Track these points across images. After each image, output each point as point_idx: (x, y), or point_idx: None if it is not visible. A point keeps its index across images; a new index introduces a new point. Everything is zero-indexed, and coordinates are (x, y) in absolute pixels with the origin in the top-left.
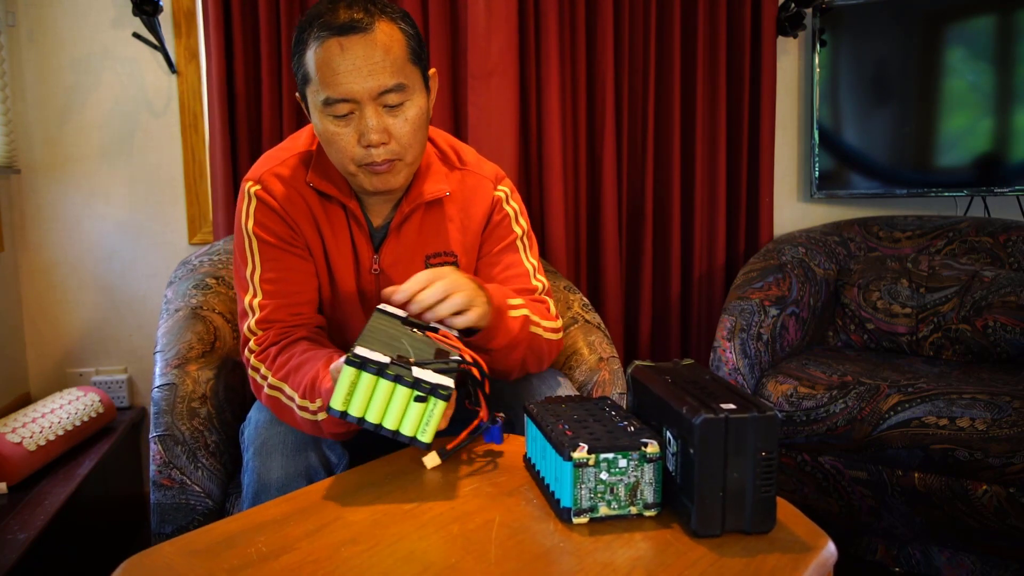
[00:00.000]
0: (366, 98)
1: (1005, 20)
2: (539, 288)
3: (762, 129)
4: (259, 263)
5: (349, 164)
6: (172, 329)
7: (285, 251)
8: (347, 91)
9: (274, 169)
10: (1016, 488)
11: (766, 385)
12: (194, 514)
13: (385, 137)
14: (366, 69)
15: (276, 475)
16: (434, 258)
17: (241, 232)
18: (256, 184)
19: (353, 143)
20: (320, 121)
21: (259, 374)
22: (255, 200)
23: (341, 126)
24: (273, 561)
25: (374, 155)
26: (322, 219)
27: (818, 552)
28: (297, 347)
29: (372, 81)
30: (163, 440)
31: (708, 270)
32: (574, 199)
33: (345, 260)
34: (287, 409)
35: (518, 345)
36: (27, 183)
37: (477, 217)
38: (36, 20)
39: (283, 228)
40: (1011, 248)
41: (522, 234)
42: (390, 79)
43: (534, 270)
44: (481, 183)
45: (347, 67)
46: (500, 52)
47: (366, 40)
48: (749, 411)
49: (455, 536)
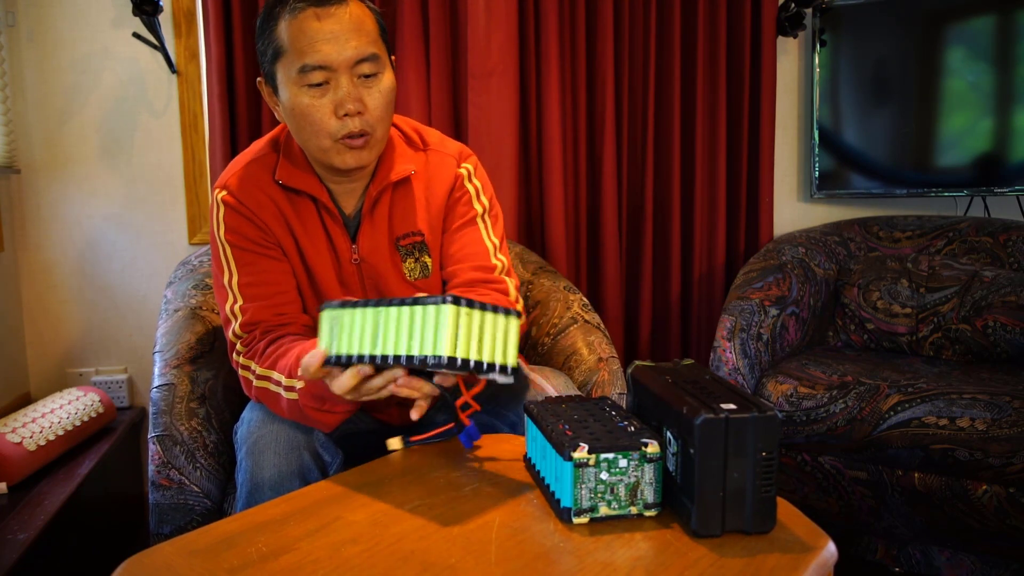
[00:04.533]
0: (343, 66)
1: (1005, 20)
2: (499, 267)
3: (762, 129)
4: (235, 269)
5: (324, 139)
6: (171, 329)
7: (259, 254)
8: (324, 57)
9: (239, 173)
10: (1016, 488)
11: (766, 385)
12: (193, 514)
13: (360, 106)
14: (343, 37)
15: (269, 473)
16: (404, 239)
17: (215, 240)
18: (223, 190)
19: (328, 114)
20: (293, 95)
21: (248, 371)
22: (223, 207)
23: (316, 96)
24: (273, 561)
25: (349, 125)
26: (292, 217)
27: (818, 552)
28: (285, 339)
29: (349, 49)
30: (162, 440)
31: (708, 270)
32: (574, 199)
33: (321, 254)
34: (274, 396)
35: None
36: (27, 183)
37: (439, 193)
38: (36, 20)
39: (254, 231)
40: (1011, 248)
41: (483, 212)
42: (366, 48)
43: (495, 248)
44: (444, 160)
45: (324, 35)
46: (500, 52)
47: (342, 11)
48: (749, 411)
49: (455, 536)
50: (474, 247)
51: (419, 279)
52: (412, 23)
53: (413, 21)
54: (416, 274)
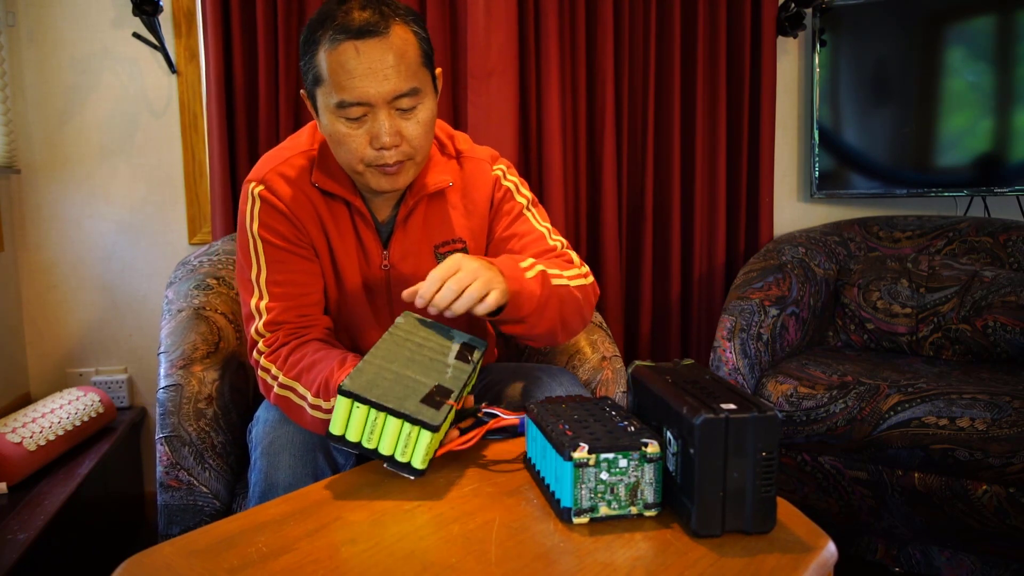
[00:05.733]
0: (380, 102)
1: (1005, 20)
2: (557, 247)
3: (762, 129)
4: (265, 265)
5: (358, 164)
6: (176, 330)
7: (291, 253)
8: (362, 95)
9: (278, 169)
10: (1016, 488)
11: (766, 385)
12: (202, 515)
13: (398, 140)
14: (381, 73)
15: (283, 475)
16: (443, 247)
17: (246, 234)
18: (260, 185)
19: (364, 144)
20: (330, 122)
21: (269, 375)
22: (259, 201)
23: (353, 128)
24: (273, 561)
25: (386, 157)
26: (327, 218)
27: (818, 552)
28: (308, 347)
29: (387, 85)
30: (170, 441)
31: (708, 270)
32: (574, 199)
33: (351, 258)
34: (297, 408)
35: (547, 303)
36: (27, 183)
37: (481, 200)
38: (36, 20)
39: (289, 229)
40: (1011, 248)
41: (527, 203)
42: (405, 84)
43: (548, 232)
44: (479, 166)
45: (363, 71)
46: (500, 52)
47: (382, 44)
48: (749, 411)
49: (455, 536)
50: (530, 236)
51: None
52: None
53: None
54: None
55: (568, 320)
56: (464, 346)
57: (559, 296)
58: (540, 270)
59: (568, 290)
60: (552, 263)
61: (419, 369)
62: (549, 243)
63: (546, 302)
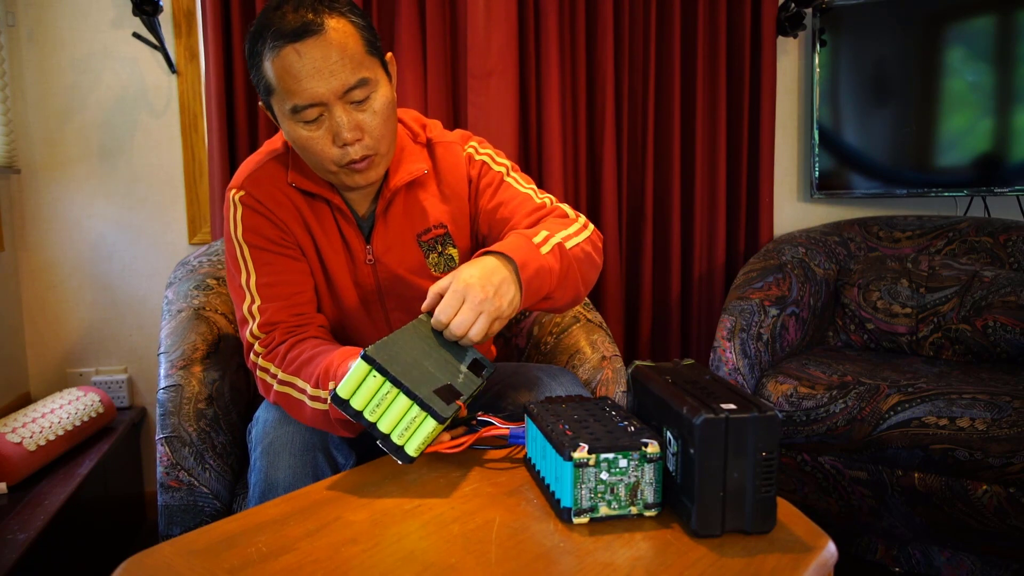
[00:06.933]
0: (332, 98)
1: (1005, 20)
2: (547, 203)
3: (762, 129)
4: (253, 269)
5: (328, 165)
6: (176, 330)
7: (278, 254)
8: (312, 96)
9: (255, 174)
10: (1016, 488)
11: (766, 385)
12: (202, 515)
13: (359, 133)
14: (327, 70)
15: (283, 475)
16: (425, 235)
17: (231, 241)
18: (240, 191)
19: (328, 144)
20: (291, 129)
21: (268, 374)
22: (241, 207)
23: (313, 130)
24: (273, 561)
25: (351, 153)
26: (310, 218)
27: (818, 552)
28: (307, 343)
29: (335, 81)
30: (170, 442)
31: (708, 270)
32: (574, 199)
33: (338, 255)
34: (297, 403)
35: (567, 273)
36: (27, 183)
37: (457, 182)
38: (36, 20)
39: (273, 230)
40: (1011, 248)
41: (507, 170)
42: (352, 76)
43: (535, 193)
44: (450, 149)
45: (308, 72)
46: (500, 52)
47: (321, 41)
48: (749, 411)
49: (455, 536)
50: (516, 200)
51: (444, 271)
52: (410, 23)
53: (411, 21)
54: (441, 267)
55: (588, 278)
56: (476, 362)
57: (576, 260)
58: (555, 242)
59: (581, 249)
60: (555, 225)
61: (435, 365)
62: (537, 201)
63: (566, 273)
